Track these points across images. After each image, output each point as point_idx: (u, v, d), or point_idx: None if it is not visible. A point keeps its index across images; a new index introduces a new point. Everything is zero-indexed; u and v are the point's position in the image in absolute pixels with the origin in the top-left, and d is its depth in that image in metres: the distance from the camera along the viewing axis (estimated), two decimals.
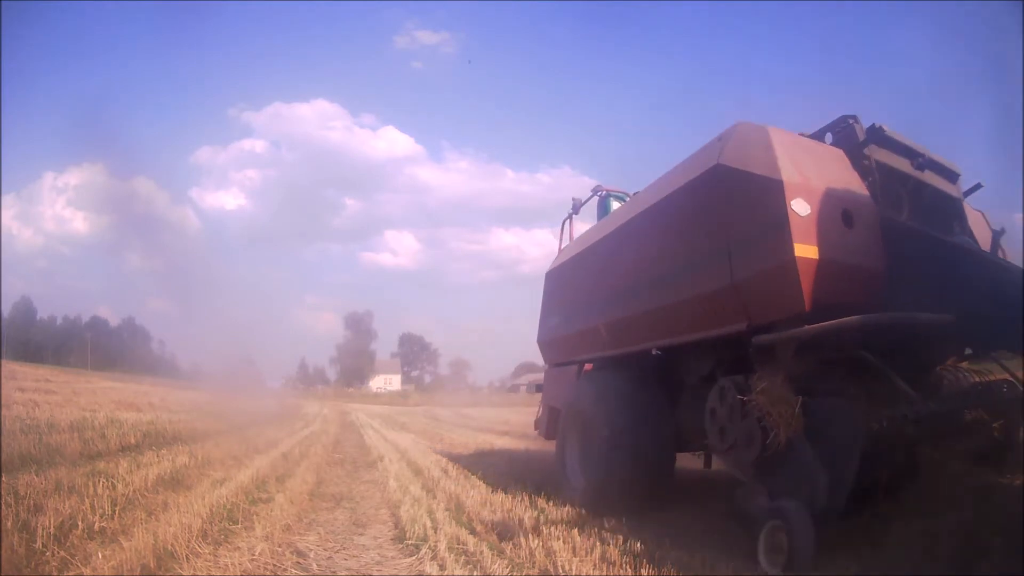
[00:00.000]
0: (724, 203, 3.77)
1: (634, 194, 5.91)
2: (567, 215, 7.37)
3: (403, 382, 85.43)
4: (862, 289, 3.43)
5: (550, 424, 6.64)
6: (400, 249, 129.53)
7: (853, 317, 3.08)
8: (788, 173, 3.42)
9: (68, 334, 76.68)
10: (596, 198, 7.11)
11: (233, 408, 16.46)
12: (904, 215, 3.91)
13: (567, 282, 6.34)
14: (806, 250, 3.29)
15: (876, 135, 3.89)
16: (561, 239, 7.30)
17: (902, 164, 4.02)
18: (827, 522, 3.10)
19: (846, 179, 3.66)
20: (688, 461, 5.60)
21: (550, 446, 10.62)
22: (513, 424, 17.13)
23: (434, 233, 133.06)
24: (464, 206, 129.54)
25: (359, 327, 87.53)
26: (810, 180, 3.46)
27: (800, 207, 3.34)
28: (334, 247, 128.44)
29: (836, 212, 3.43)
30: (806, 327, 3.28)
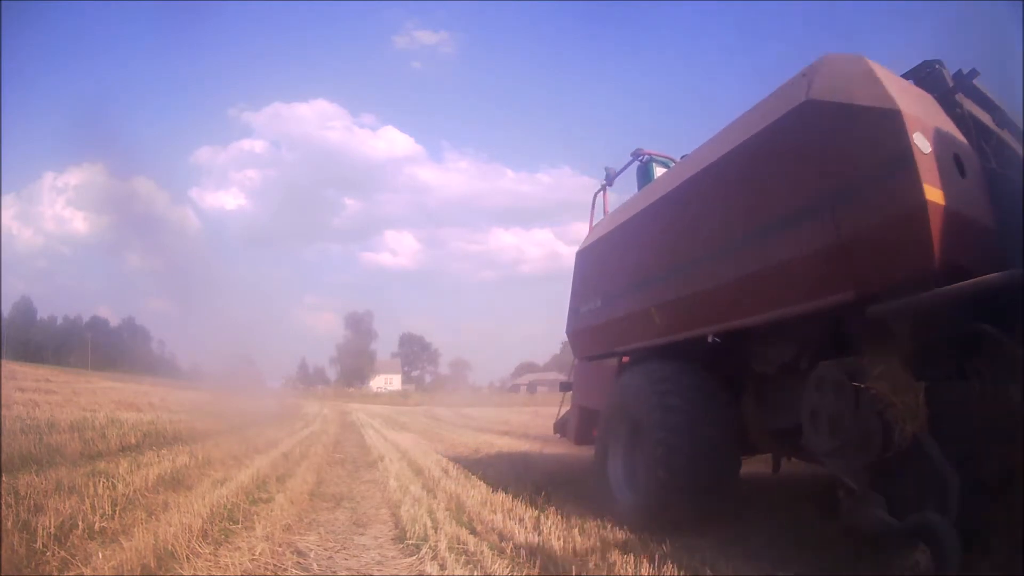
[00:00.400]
0: (819, 146, 3.12)
1: (682, 157, 5.15)
2: (599, 187, 6.60)
3: (403, 382, 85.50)
4: (978, 248, 2.86)
5: (582, 428, 5.93)
6: (400, 249, 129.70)
7: (996, 275, 2.52)
8: (904, 103, 2.85)
9: (68, 334, 76.73)
10: (636, 164, 6.35)
11: (233, 408, 16.46)
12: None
13: (606, 260, 5.45)
14: (935, 194, 2.71)
15: (964, 83, 3.42)
16: (592, 215, 6.54)
17: (985, 118, 3.52)
18: (968, 536, 2.53)
19: (945, 123, 3.12)
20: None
21: (551, 447, 10.65)
22: (513, 424, 17.13)
23: (434, 233, 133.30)
24: (464, 206, 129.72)
25: (359, 327, 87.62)
26: (921, 115, 2.91)
27: (922, 143, 2.78)
28: (334, 247, 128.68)
29: (949, 155, 2.88)
30: (944, 288, 2.65)
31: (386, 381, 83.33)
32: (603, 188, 6.58)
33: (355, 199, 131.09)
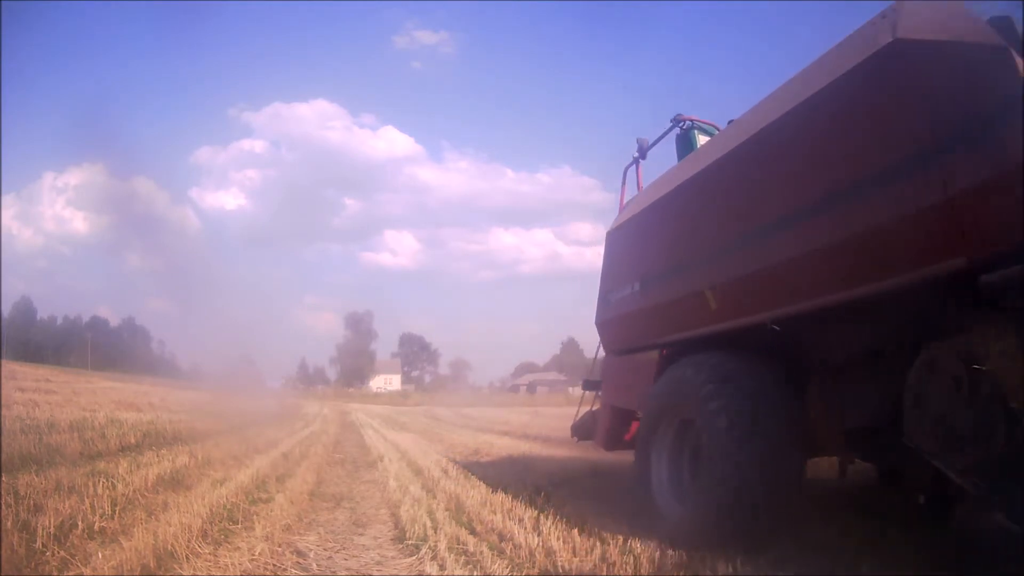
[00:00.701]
0: (915, 90, 2.73)
1: (730, 122, 4.58)
2: (630, 161, 5.94)
3: (403, 382, 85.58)
4: None
5: (612, 431, 5.31)
6: (400, 249, 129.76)
7: None
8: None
9: (68, 334, 76.78)
10: (674, 133, 5.71)
11: (233, 408, 16.47)
12: None
13: (645, 238, 4.86)
14: None
15: None
16: (623, 191, 5.92)
17: None
18: None
19: None
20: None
21: (551, 447, 10.65)
22: (513, 424, 17.13)
23: (434, 233, 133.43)
24: (464, 206, 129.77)
25: (359, 327, 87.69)
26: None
27: None
28: (334, 247, 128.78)
29: None
30: None
31: (386, 381, 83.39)
32: (635, 161, 5.88)
33: (355, 199, 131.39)
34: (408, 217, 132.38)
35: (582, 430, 6.34)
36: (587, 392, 6.49)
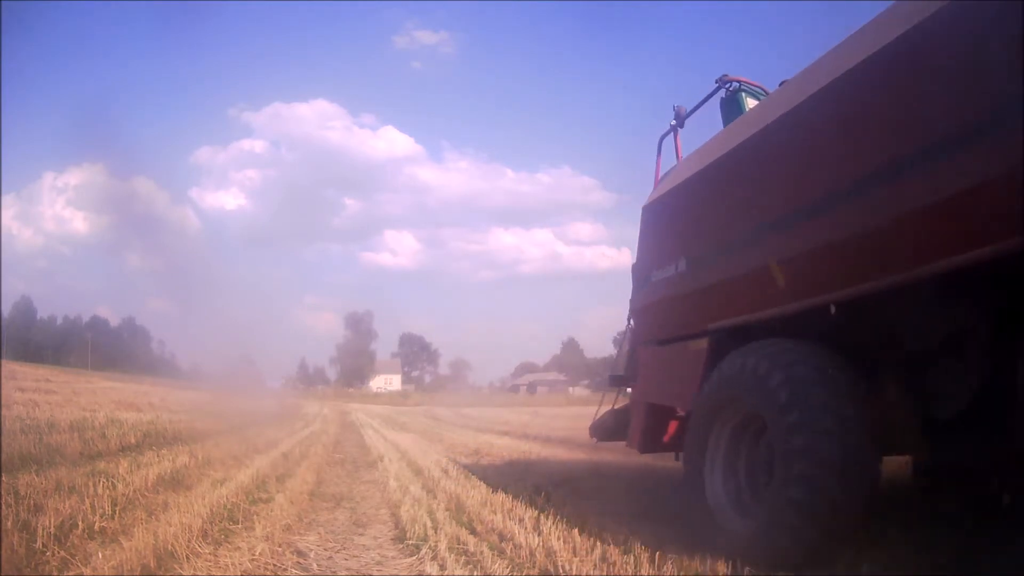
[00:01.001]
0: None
1: (782, 83, 4.20)
2: (666, 130, 5.47)
3: (403, 382, 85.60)
4: None
5: (649, 431, 4.77)
6: (400, 249, 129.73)
7: None
8: None
9: (68, 334, 76.79)
10: (719, 95, 5.23)
11: (233, 408, 16.47)
12: None
13: (691, 211, 4.37)
14: None
15: None
16: (658, 162, 5.46)
17: None
18: None
19: None
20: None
21: (551, 448, 10.65)
22: (513, 424, 17.14)
23: (434, 233, 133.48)
24: (464, 206, 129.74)
25: (359, 327, 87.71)
26: None
27: None
28: (334, 247, 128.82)
29: None
30: None
31: (386, 381, 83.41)
32: (672, 130, 5.42)
33: (355, 199, 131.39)
34: (408, 217, 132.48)
35: (603, 430, 5.87)
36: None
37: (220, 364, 29.73)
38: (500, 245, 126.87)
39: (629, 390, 5.66)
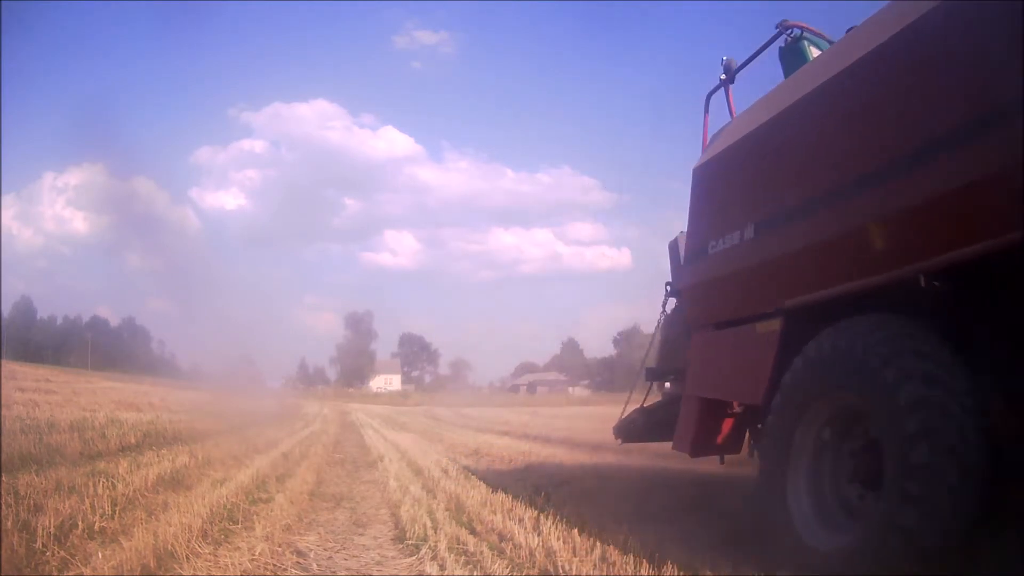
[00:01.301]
0: None
1: (849, 30, 3.62)
2: (715, 86, 4.95)
3: (403, 382, 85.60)
4: None
5: (703, 431, 4.17)
6: (400, 249, 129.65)
7: None
8: None
9: (68, 334, 76.79)
10: (777, 44, 4.63)
11: (233, 408, 16.48)
12: None
13: (761, 168, 3.76)
14: None
15: None
16: (706, 121, 4.95)
17: None
18: None
19: None
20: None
21: (551, 448, 10.65)
22: (513, 424, 17.14)
23: (434, 233, 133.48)
24: (464, 206, 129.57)
25: (359, 327, 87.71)
26: None
27: None
28: (334, 247, 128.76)
29: None
30: None
31: (386, 381, 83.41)
32: (722, 85, 4.91)
33: (355, 199, 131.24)
34: (408, 217, 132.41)
35: (632, 430, 5.29)
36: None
37: (220, 364, 29.76)
38: (500, 245, 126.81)
39: (667, 384, 5.20)
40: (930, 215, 2.57)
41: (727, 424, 4.27)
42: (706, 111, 4.95)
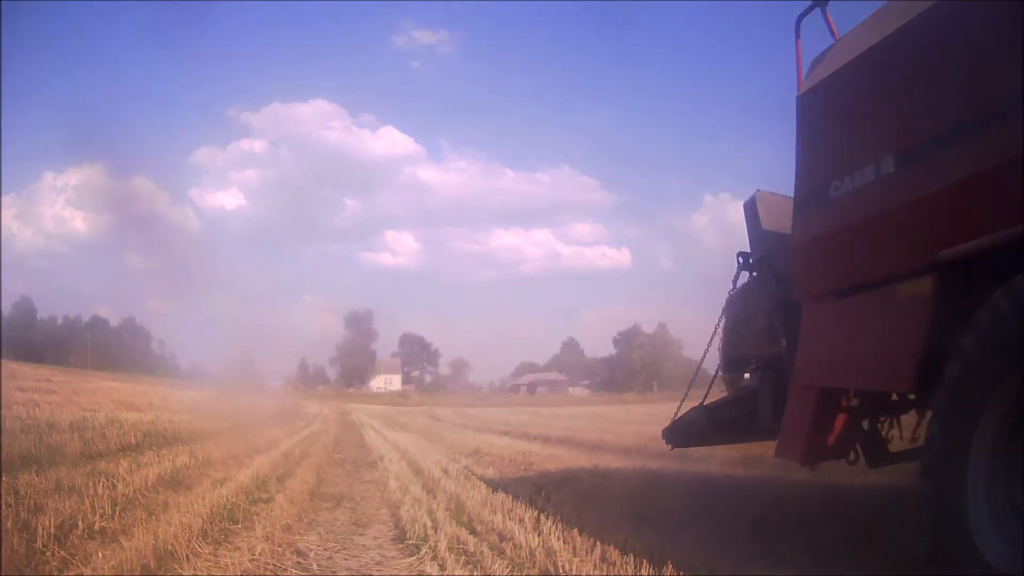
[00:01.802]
0: None
1: None
2: (806, 8, 4.16)
3: (403, 382, 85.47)
4: None
5: (820, 430, 3.38)
6: (400, 249, 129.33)
7: None
8: None
9: (68, 334, 76.69)
10: None
11: (233, 408, 16.46)
12: None
13: (899, 85, 2.94)
14: None
15: None
16: (798, 46, 4.17)
17: None
18: None
19: None
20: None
21: (551, 448, 10.64)
22: (514, 424, 17.14)
23: (434, 233, 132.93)
24: (464, 206, 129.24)
25: (359, 327, 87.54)
26: None
27: None
28: (334, 247, 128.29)
29: None
30: None
31: (386, 381, 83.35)
32: (815, 5, 4.19)
33: (355, 199, 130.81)
34: (408, 217, 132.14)
35: (689, 433, 4.65)
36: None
37: (220, 364, 29.78)
38: (500, 245, 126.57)
39: (748, 376, 4.59)
40: None
41: (839, 421, 3.47)
42: (797, 36, 4.08)
